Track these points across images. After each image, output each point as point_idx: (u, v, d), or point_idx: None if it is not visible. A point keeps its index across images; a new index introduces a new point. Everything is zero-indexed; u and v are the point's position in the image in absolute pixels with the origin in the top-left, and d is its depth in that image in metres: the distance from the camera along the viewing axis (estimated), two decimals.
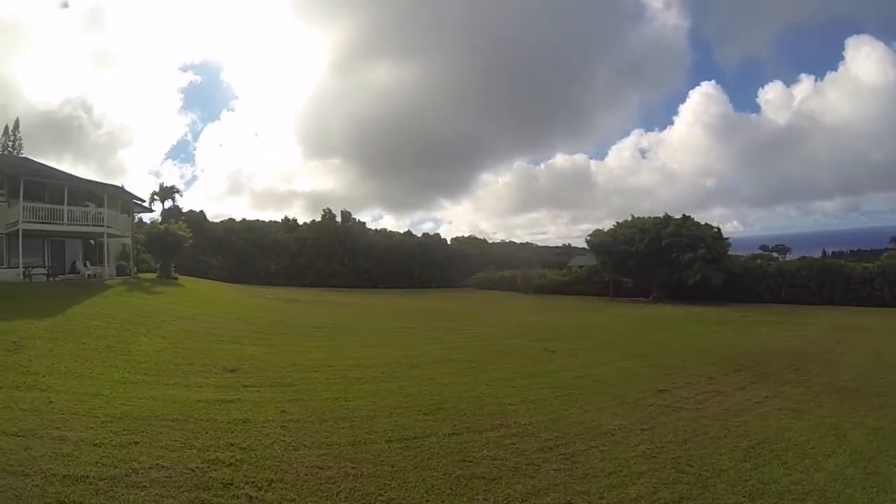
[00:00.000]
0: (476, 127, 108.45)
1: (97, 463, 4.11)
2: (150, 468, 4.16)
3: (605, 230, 35.73)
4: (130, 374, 7.19)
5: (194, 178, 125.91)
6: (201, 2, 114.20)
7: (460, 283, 53.01)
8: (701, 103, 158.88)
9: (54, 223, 15.81)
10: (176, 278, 22.41)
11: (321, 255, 58.59)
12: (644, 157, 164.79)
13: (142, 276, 21.55)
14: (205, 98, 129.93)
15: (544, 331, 17.25)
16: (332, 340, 13.64)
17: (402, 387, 8.10)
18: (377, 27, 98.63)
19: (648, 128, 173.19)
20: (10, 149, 30.26)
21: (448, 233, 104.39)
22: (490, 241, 67.06)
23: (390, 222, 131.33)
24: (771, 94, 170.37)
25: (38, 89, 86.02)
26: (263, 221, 63.36)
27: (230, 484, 4.03)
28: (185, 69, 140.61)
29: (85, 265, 17.75)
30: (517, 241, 75.26)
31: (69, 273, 17.30)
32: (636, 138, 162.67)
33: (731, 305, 28.06)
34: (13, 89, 70.86)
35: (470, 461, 4.89)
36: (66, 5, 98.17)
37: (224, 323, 14.22)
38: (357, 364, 10.10)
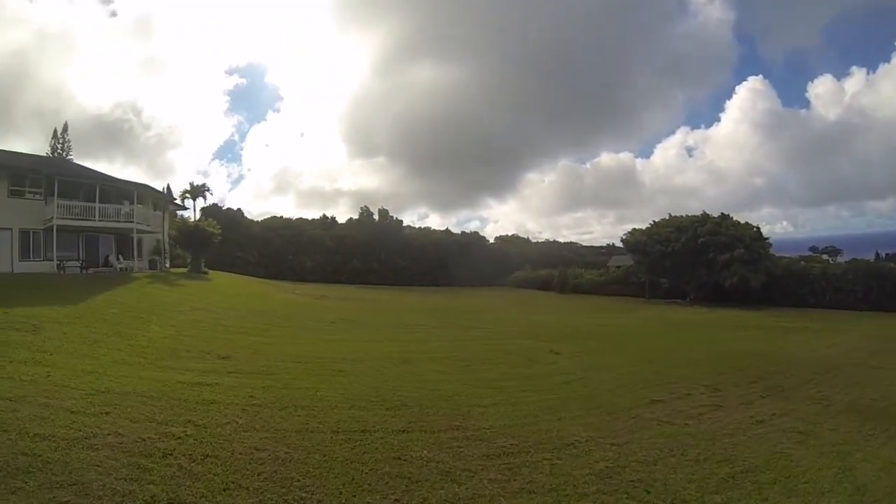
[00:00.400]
0: (520, 126, 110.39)
1: (66, 426, 5.04)
2: (109, 434, 5.02)
3: (642, 229, 35.58)
4: (129, 357, 8.38)
5: (241, 177, 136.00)
6: (245, 8, 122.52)
7: (498, 282, 54.05)
8: (748, 99, 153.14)
9: (87, 219, 18.29)
10: (206, 273, 24.75)
11: (358, 253, 61.08)
12: (690, 156, 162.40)
13: (174, 270, 24.01)
14: (250, 100, 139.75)
15: (560, 331, 17.26)
16: (338, 334, 14.58)
17: (379, 381, 8.60)
18: (418, 28, 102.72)
19: (694, 125, 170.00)
20: (59, 151, 34.72)
21: (494, 232, 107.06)
22: (534, 241, 67.44)
23: (436, 221, 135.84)
24: (821, 89, 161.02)
25: (89, 94, 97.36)
26: (302, 219, 67.01)
27: (170, 454, 4.76)
28: (230, 72, 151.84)
29: (118, 259, 20.23)
30: (562, 240, 75.79)
31: (102, 266, 19.83)
32: (682, 136, 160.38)
33: (771, 309, 27.31)
34: (67, 95, 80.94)
35: (404, 460, 5.07)
36: (114, 14, 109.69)
37: (238, 315, 15.64)
38: (348, 358, 10.83)
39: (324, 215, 67.88)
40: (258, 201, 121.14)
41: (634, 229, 36.36)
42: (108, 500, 3.81)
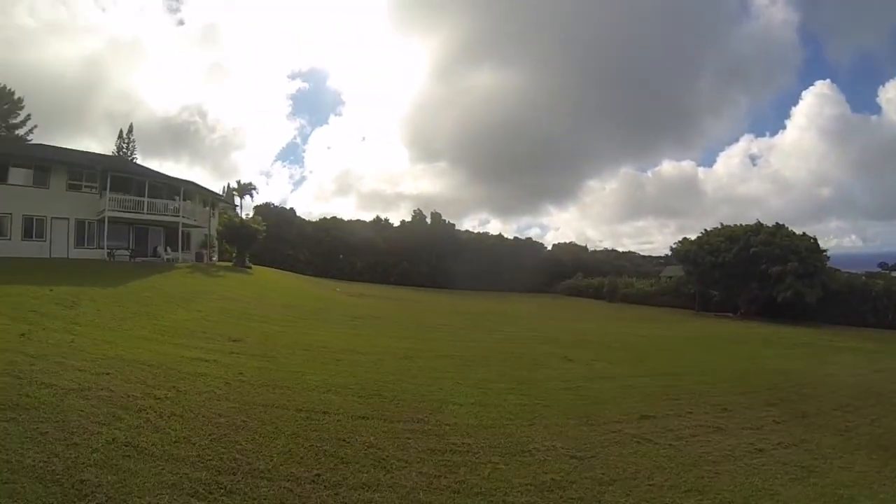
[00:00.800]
0: (581, 132, 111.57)
1: (69, 380, 6.25)
2: (101, 389, 6.14)
3: (692, 239, 35.73)
4: (148, 333, 9.80)
5: (303, 178, 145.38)
6: (307, 15, 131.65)
7: (549, 290, 55.11)
8: (815, 105, 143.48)
9: (136, 212, 21.17)
10: (249, 267, 27.27)
11: (408, 255, 63.31)
12: (754, 164, 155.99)
13: (220, 263, 26.70)
14: (313, 104, 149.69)
15: (588, 339, 17.08)
16: (356, 329, 15.54)
17: (369, 372, 9.18)
18: (479, 32, 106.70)
19: (759, 133, 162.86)
20: (124, 150, 39.79)
21: (554, 239, 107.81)
22: (591, 249, 67.39)
23: (497, 227, 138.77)
24: (892, 93, 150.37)
25: (158, 98, 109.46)
26: (354, 221, 70.77)
27: (144, 410, 5.74)
28: (293, 77, 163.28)
29: (165, 250, 23.02)
30: (622, 249, 74.88)
31: (150, 256, 22.67)
32: (746, 144, 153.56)
33: (826, 327, 26.20)
34: (136, 99, 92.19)
35: (347, 442, 5.47)
36: (181, 23, 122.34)
37: (266, 306, 17.18)
38: (353, 349, 11.61)
39: (377, 217, 71.09)
40: (319, 203, 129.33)
41: (685, 239, 36.45)
42: (77, 435, 4.79)
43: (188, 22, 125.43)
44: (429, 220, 69.73)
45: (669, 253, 54.47)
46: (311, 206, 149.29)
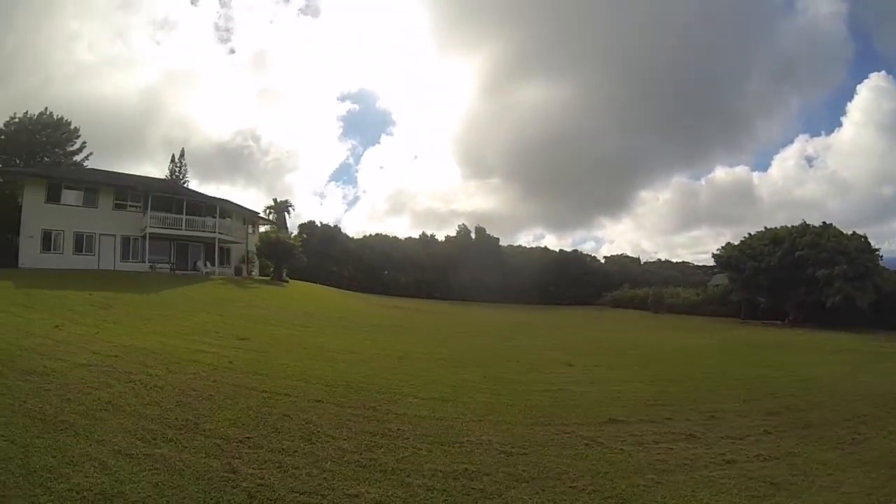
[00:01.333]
0: (632, 143, 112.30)
1: (82, 358, 7.90)
2: (105, 367, 7.68)
3: (735, 244, 34.86)
4: (166, 330, 11.54)
5: (356, 198, 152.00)
6: (352, 38, 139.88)
7: (596, 301, 55.28)
8: (871, 99, 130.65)
9: (175, 229, 24.13)
10: (286, 281, 29.65)
11: (452, 270, 64.44)
12: (811, 166, 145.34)
13: (259, 277, 29.28)
14: (364, 124, 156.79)
15: (602, 347, 17.20)
16: (369, 336, 16.63)
17: (351, 368, 10.04)
18: (524, 47, 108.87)
19: (814, 132, 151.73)
20: (176, 174, 44.53)
21: (609, 251, 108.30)
22: (644, 261, 66.27)
23: (552, 242, 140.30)
24: None
25: (212, 124, 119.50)
26: (398, 238, 73.34)
27: (133, 381, 7.16)
28: (342, 99, 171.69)
29: (205, 264, 25.82)
30: (676, 260, 73.88)
31: (191, 270, 25.55)
32: (801, 145, 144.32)
33: (881, 332, 25.17)
34: (192, 126, 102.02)
35: (289, 417, 6.27)
36: (232, 51, 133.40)
37: (289, 314, 18.89)
38: (351, 350, 12.67)
39: (423, 233, 73.17)
40: (373, 222, 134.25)
41: (728, 244, 35.70)
42: (72, 394, 6.25)
43: (238, 50, 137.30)
44: (473, 235, 70.84)
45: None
46: (364, 225, 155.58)
